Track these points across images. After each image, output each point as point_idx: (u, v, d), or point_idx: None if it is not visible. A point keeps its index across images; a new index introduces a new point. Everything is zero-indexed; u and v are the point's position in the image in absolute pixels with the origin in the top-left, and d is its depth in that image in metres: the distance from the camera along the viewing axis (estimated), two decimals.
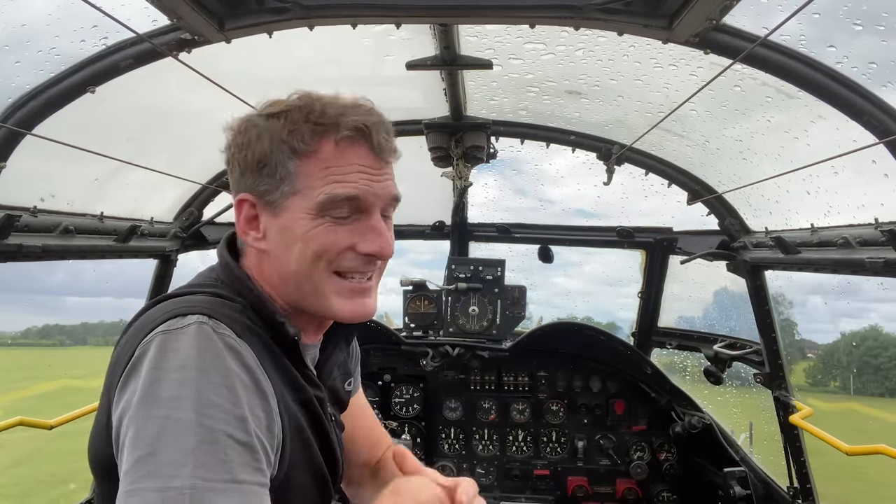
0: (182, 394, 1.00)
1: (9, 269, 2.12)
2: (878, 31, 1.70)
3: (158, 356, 1.05)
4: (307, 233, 1.22)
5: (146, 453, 0.96)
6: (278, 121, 1.23)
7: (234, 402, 1.04)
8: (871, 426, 22.21)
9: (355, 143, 1.23)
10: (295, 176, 1.22)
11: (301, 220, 1.22)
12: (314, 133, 1.21)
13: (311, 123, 1.21)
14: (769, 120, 2.37)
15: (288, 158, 1.22)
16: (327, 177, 1.21)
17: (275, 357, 1.22)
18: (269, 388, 1.14)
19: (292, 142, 1.21)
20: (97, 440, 1.16)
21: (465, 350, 3.75)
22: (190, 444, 0.97)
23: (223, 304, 1.20)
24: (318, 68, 2.67)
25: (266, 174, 1.23)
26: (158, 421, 0.99)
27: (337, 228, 1.23)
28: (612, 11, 1.73)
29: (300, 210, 1.22)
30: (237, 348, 1.10)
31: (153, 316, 1.15)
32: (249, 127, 1.26)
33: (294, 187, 1.22)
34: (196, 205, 3.27)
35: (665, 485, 3.70)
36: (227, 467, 0.98)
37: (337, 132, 1.21)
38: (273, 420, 1.13)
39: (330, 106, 1.23)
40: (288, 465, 1.19)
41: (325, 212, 1.22)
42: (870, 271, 2.13)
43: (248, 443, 1.03)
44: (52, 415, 2.53)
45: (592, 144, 3.24)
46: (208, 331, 1.09)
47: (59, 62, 1.93)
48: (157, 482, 0.94)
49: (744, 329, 3.44)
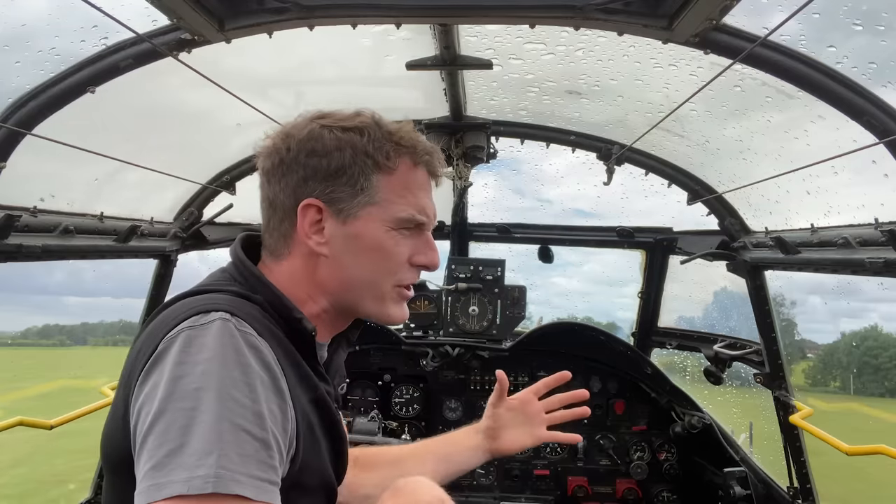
0: (206, 385, 1.03)
1: (9, 269, 2.12)
2: (878, 30, 1.70)
3: (183, 350, 1.07)
4: (383, 242, 1.33)
5: (176, 446, 0.99)
6: (360, 135, 1.32)
7: (254, 399, 1.06)
8: (871, 426, 22.22)
9: (426, 167, 1.39)
10: (375, 188, 1.32)
11: (375, 230, 1.33)
12: (397, 152, 1.34)
13: (393, 143, 1.33)
14: (769, 120, 2.37)
15: (371, 171, 1.32)
16: (406, 196, 1.35)
17: (290, 355, 1.24)
18: (285, 387, 1.16)
19: (377, 156, 1.31)
20: (113, 433, 1.17)
21: (465, 350, 3.75)
22: (214, 435, 0.99)
23: (243, 303, 1.22)
24: (318, 68, 2.67)
25: (344, 183, 1.31)
26: (186, 413, 1.01)
27: (403, 241, 1.36)
28: (612, 11, 1.73)
29: (377, 221, 1.33)
30: (258, 346, 1.13)
31: (177, 311, 1.17)
32: (324, 135, 1.32)
33: (372, 199, 1.32)
34: (196, 205, 3.27)
35: (665, 485, 3.70)
36: (244, 461, 1.01)
37: (415, 155, 1.36)
38: (287, 419, 1.15)
39: (402, 129, 1.37)
40: (300, 466, 1.20)
41: (400, 226, 1.34)
42: (870, 271, 2.13)
43: (264, 439, 1.05)
44: (52, 415, 2.53)
45: (592, 144, 3.24)
46: (231, 328, 1.11)
47: (59, 62, 1.92)
48: (185, 473, 0.97)
49: (744, 329, 3.44)
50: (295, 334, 1.28)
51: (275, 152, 1.35)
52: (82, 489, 3.08)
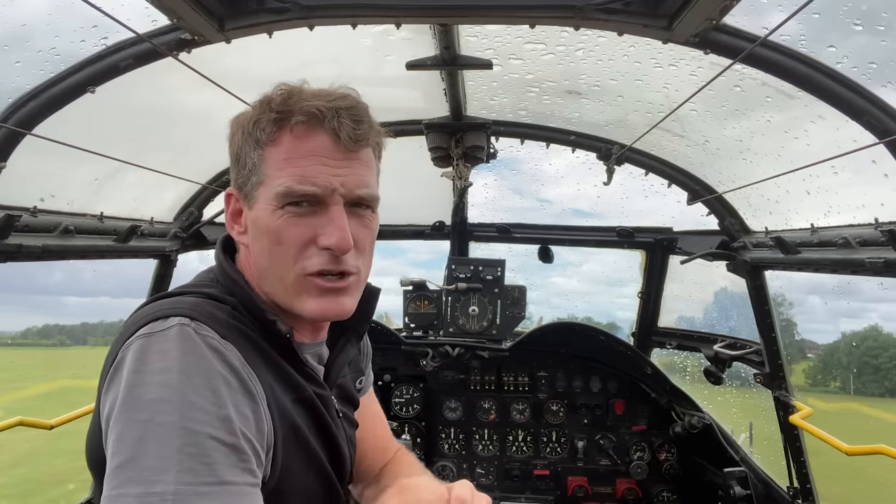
0: (163, 396, 0.99)
1: (9, 269, 2.12)
2: (878, 30, 1.70)
3: (139, 359, 1.04)
4: (270, 224, 1.20)
5: (128, 458, 0.95)
6: (248, 114, 1.25)
7: (218, 404, 1.02)
8: (871, 426, 22.23)
9: (312, 130, 1.19)
10: (259, 166, 1.21)
11: (265, 211, 1.21)
12: (274, 122, 1.20)
13: (272, 112, 1.20)
14: (769, 120, 2.36)
15: (253, 149, 1.22)
16: (286, 168, 1.19)
17: (266, 356, 1.21)
18: (257, 389, 1.13)
19: (256, 132, 1.21)
20: (92, 440, 1.16)
21: (465, 350, 3.74)
22: (172, 447, 0.95)
23: (210, 305, 1.18)
24: (318, 68, 2.67)
25: (240, 166, 1.25)
26: (140, 424, 0.97)
27: (297, 220, 1.19)
28: (612, 11, 1.73)
29: (265, 201, 1.21)
30: (220, 349, 1.09)
31: (136, 318, 1.14)
32: (232, 122, 1.29)
33: (260, 178, 1.21)
34: (196, 205, 3.27)
35: (665, 485, 3.71)
36: (211, 469, 0.97)
37: (290, 119, 1.18)
38: (262, 419, 1.12)
39: (299, 95, 1.20)
40: (281, 467, 1.18)
41: (284, 203, 1.19)
42: (870, 271, 2.13)
43: (233, 444, 1.02)
44: (52, 415, 2.53)
45: (592, 144, 3.24)
46: (190, 332, 1.07)
47: (59, 62, 1.92)
48: (139, 488, 0.92)
49: (744, 329, 3.44)
50: (272, 336, 1.23)
51: None
52: (82, 489, 3.09)
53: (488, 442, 3.89)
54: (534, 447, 3.86)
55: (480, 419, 3.89)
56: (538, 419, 3.86)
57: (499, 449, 3.88)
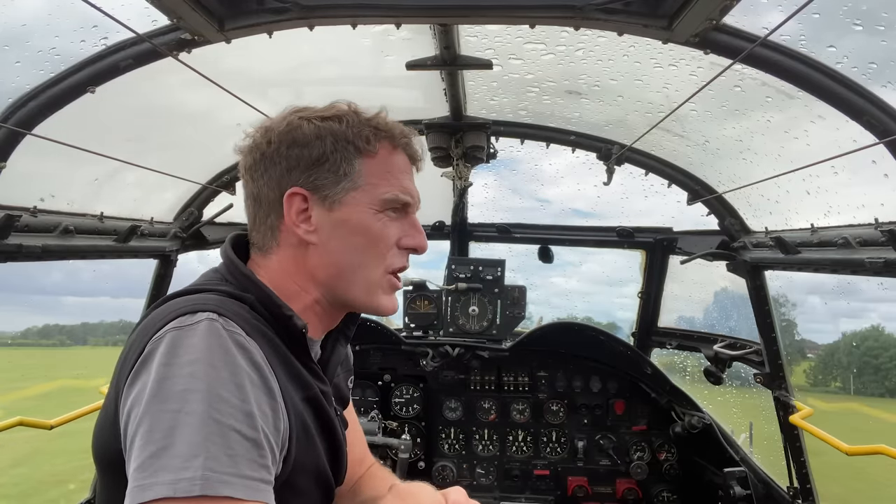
0: (192, 387, 1.02)
1: (9, 269, 2.12)
2: (878, 30, 1.70)
3: (169, 352, 1.06)
4: (371, 225, 1.33)
5: (160, 447, 0.97)
6: (339, 123, 1.33)
7: (243, 399, 1.05)
8: (871, 426, 22.22)
9: (397, 150, 1.38)
10: (358, 173, 1.33)
11: (363, 213, 1.33)
12: (376, 136, 1.35)
13: (372, 128, 1.35)
14: (769, 120, 2.36)
15: (353, 156, 1.32)
16: (389, 179, 1.35)
17: (280, 354, 1.23)
18: (276, 386, 1.15)
19: (357, 141, 1.32)
20: (103, 433, 1.17)
21: (465, 350, 3.75)
22: (200, 437, 0.98)
23: (232, 302, 1.21)
24: (318, 68, 2.67)
25: (327, 170, 1.31)
26: (171, 415, 1.00)
27: (391, 223, 1.36)
28: (612, 11, 1.73)
29: (362, 204, 1.33)
30: (246, 346, 1.11)
31: (164, 313, 1.16)
32: (303, 126, 1.33)
33: (356, 184, 1.32)
34: (196, 205, 3.27)
35: (665, 485, 3.71)
36: (233, 461, 1.00)
37: (394, 138, 1.37)
38: (279, 418, 1.14)
39: (379, 115, 1.39)
40: (292, 466, 1.19)
41: (385, 208, 1.34)
42: (870, 271, 2.13)
43: (255, 439, 1.04)
44: (52, 415, 2.53)
45: (592, 144, 3.24)
46: (218, 328, 1.10)
47: (59, 62, 1.92)
48: (170, 475, 0.95)
49: (744, 329, 3.44)
50: (285, 332, 1.26)
51: (255, 148, 1.35)
52: (82, 489, 3.08)
53: (488, 442, 3.89)
54: (534, 447, 3.86)
55: (480, 419, 3.89)
56: (538, 419, 3.86)
57: (499, 449, 3.88)
